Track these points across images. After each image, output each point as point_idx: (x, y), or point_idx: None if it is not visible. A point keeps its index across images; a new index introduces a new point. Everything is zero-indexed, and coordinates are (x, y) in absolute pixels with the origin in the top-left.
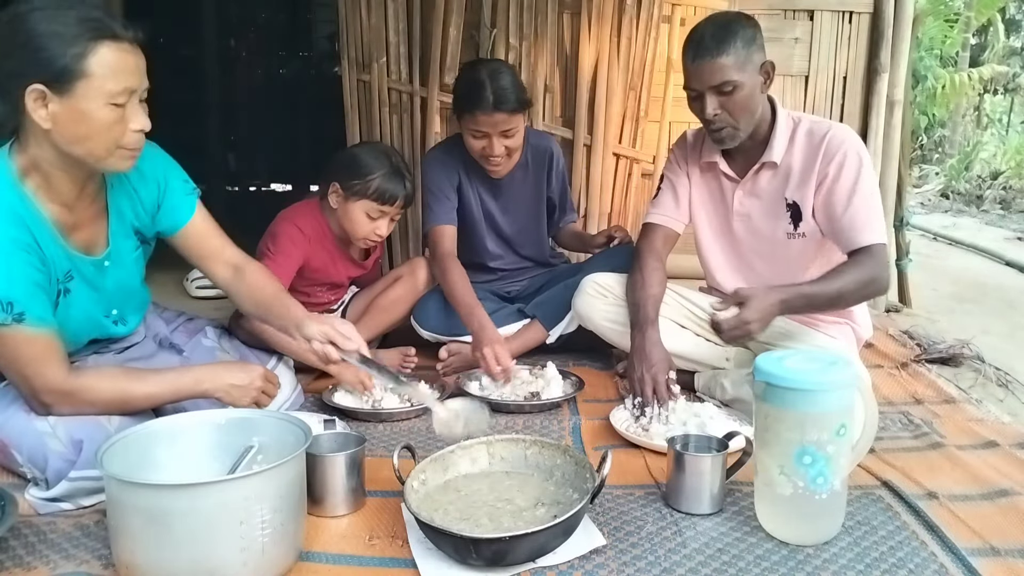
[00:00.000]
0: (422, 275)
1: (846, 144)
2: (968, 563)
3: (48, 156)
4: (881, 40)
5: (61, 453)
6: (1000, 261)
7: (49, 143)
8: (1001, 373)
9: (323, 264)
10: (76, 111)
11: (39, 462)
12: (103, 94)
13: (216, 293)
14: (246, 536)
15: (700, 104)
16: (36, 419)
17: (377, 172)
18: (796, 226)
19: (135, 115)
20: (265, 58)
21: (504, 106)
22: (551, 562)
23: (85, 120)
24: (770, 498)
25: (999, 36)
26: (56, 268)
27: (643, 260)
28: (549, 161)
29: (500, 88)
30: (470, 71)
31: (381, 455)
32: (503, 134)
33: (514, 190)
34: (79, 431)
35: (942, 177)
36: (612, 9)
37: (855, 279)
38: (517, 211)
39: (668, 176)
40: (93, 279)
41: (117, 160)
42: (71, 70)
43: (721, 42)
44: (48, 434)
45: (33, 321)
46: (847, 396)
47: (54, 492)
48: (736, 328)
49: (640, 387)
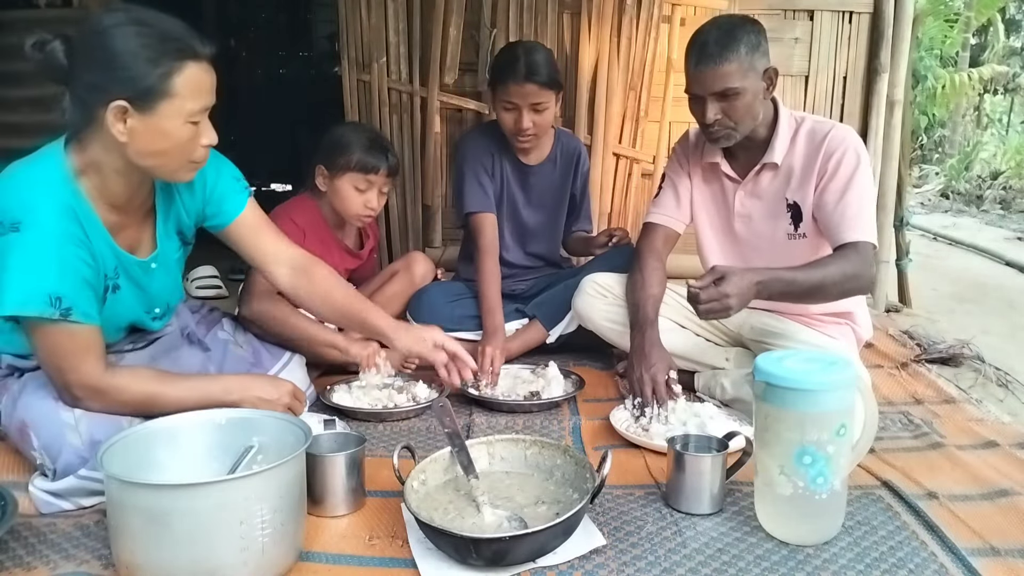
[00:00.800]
0: (419, 270)
1: (846, 142)
2: (968, 563)
3: (114, 164)
4: (881, 40)
5: (77, 449)
6: (1000, 261)
7: (119, 153)
8: (1001, 373)
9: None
10: (157, 129)
11: (53, 452)
12: (184, 113)
13: (215, 294)
14: (246, 536)
15: (701, 108)
16: (63, 409)
17: (357, 144)
18: (796, 227)
19: (206, 131)
20: (265, 58)
21: (535, 77)
22: (551, 562)
23: (165, 138)
24: (770, 498)
25: (999, 36)
26: (105, 265)
27: (643, 260)
28: (576, 161)
29: (533, 61)
30: (507, 48)
31: (381, 455)
32: (533, 108)
33: (542, 181)
34: (100, 431)
35: (942, 177)
36: (612, 9)
37: (838, 271)
38: (541, 202)
39: (669, 175)
40: (139, 279)
41: (185, 173)
42: (156, 90)
43: (725, 48)
44: (70, 427)
45: (79, 317)
46: (847, 396)
47: (59, 485)
48: (714, 300)
49: (640, 387)
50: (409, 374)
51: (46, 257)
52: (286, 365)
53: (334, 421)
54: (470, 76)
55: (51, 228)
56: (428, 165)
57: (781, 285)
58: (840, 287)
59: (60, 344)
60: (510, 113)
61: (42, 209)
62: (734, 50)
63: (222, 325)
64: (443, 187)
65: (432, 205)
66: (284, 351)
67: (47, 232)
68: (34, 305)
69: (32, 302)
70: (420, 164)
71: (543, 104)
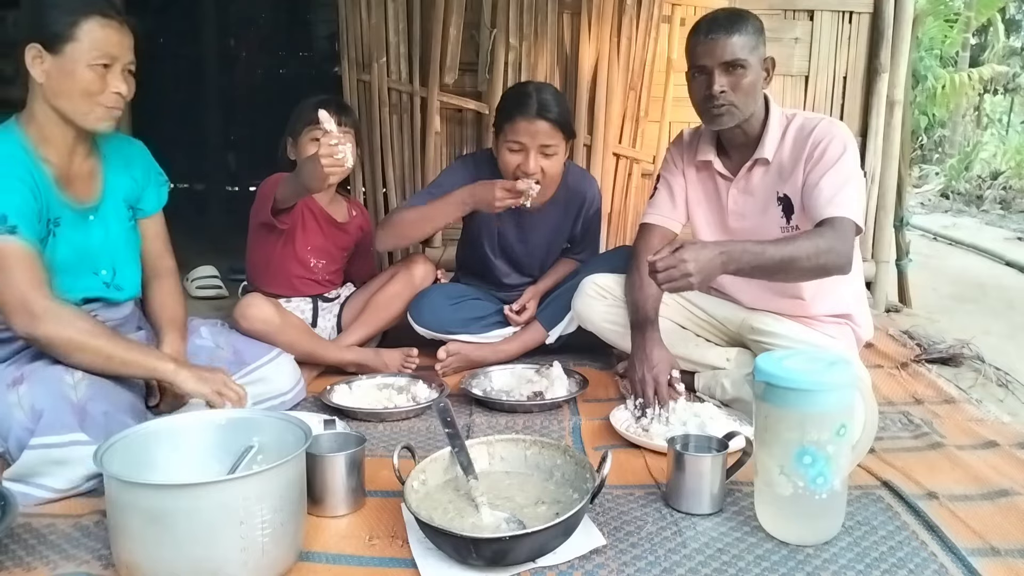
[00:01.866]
0: (419, 271)
1: (832, 131)
2: (968, 563)
3: (44, 111)
4: (881, 40)
5: (21, 422)
6: (1000, 261)
7: (42, 97)
8: (1001, 373)
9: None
10: (63, 69)
11: (3, 432)
12: (86, 57)
13: (215, 293)
14: (246, 536)
15: (706, 80)
16: (7, 391)
17: (306, 105)
18: (788, 219)
19: (116, 80)
20: (265, 58)
21: (547, 114)
22: (551, 562)
23: (70, 78)
24: (770, 498)
25: (999, 36)
26: (46, 208)
27: (640, 261)
28: (581, 204)
29: (544, 99)
30: (517, 85)
31: (381, 455)
32: (542, 150)
33: (540, 224)
34: (41, 401)
35: (942, 177)
36: (612, 9)
37: (810, 245)
38: (537, 242)
39: (664, 176)
40: (78, 227)
41: (95, 119)
42: (62, 35)
43: (735, 23)
44: (14, 404)
45: (25, 235)
46: (847, 396)
47: (17, 466)
48: (672, 267)
49: (641, 388)
50: (409, 374)
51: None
52: (273, 360)
53: (334, 421)
54: (470, 76)
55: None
56: (428, 165)
57: (749, 257)
58: (814, 261)
59: (5, 264)
60: (515, 155)
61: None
62: (744, 26)
63: (199, 333)
64: None
65: None
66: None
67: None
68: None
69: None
70: (420, 164)
71: (553, 147)
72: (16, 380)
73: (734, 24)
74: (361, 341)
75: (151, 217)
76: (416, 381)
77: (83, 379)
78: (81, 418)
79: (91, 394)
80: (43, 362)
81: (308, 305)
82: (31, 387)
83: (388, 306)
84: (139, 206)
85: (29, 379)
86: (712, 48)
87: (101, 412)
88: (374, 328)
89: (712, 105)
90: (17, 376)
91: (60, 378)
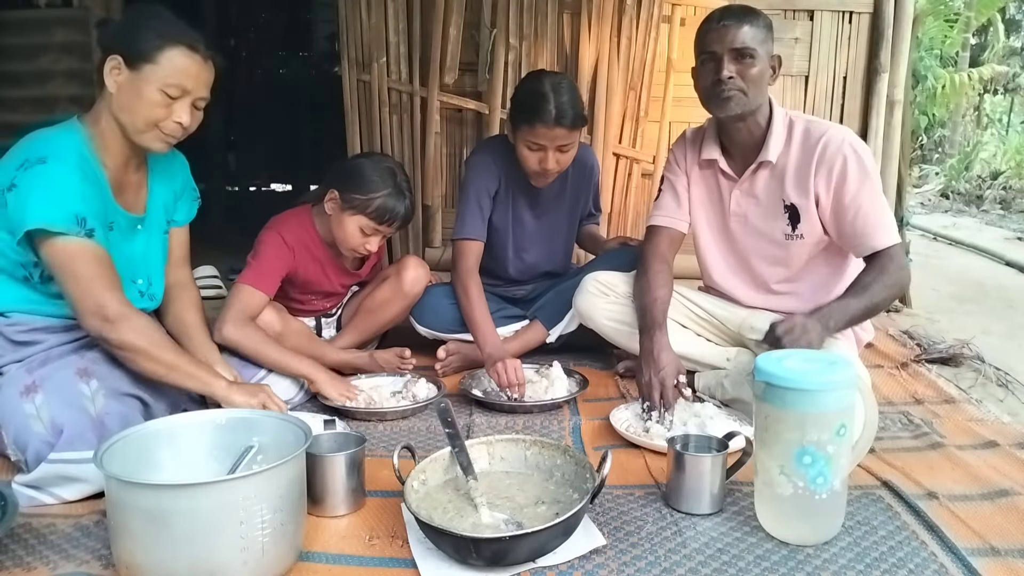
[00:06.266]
0: (409, 275)
1: (844, 146)
2: (968, 563)
3: (107, 117)
4: (881, 40)
5: (41, 435)
6: (1000, 261)
7: (109, 106)
8: (1001, 373)
9: (313, 274)
10: (135, 87)
11: (22, 444)
12: (160, 81)
13: (215, 293)
14: (246, 536)
15: (715, 67)
16: (24, 401)
17: (380, 191)
18: (795, 227)
19: (182, 111)
20: (265, 58)
21: (565, 121)
22: (551, 562)
23: (138, 96)
24: (770, 498)
25: (999, 36)
26: (104, 212)
27: (648, 263)
28: (589, 173)
29: (562, 103)
30: (532, 82)
31: (381, 455)
32: (559, 148)
33: (553, 200)
34: (61, 416)
35: (942, 177)
36: (612, 9)
37: (883, 288)
38: (551, 220)
39: (668, 176)
40: (126, 235)
41: (149, 139)
42: (145, 55)
43: (747, 14)
44: (33, 416)
45: (101, 240)
46: (847, 396)
47: (33, 476)
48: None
49: (648, 391)
50: (409, 374)
51: (71, 183)
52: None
53: (334, 421)
54: (470, 76)
55: (74, 162)
56: (428, 165)
57: (839, 316)
58: (889, 300)
59: (86, 267)
60: (535, 153)
61: (64, 148)
62: (756, 19)
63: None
64: (443, 187)
65: (432, 205)
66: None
67: (70, 164)
68: (61, 221)
69: (59, 218)
70: (420, 164)
71: (569, 145)
72: (30, 388)
73: (747, 15)
74: (352, 346)
75: (180, 227)
76: (416, 380)
77: (99, 390)
78: (99, 433)
79: (108, 408)
80: (55, 366)
81: (311, 320)
82: (48, 398)
83: (379, 311)
84: (173, 217)
85: (44, 388)
86: (723, 35)
87: (118, 427)
88: (365, 333)
89: (720, 89)
90: (30, 383)
91: (77, 389)
